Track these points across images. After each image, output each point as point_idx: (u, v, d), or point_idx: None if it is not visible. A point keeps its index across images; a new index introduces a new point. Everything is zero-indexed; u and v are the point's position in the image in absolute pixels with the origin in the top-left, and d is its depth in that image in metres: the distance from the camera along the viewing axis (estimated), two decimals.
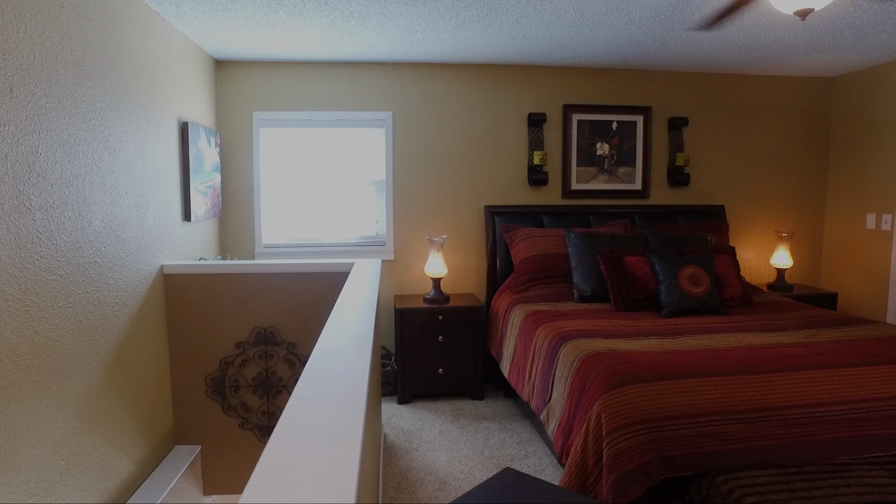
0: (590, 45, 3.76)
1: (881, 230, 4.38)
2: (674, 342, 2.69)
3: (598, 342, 2.66)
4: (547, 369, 2.77)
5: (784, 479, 2.11)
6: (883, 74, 4.34)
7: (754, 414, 2.20)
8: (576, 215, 4.31)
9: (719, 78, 4.60)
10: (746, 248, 4.78)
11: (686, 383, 2.23)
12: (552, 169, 4.41)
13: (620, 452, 2.04)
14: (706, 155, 4.64)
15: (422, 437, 3.39)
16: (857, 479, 2.12)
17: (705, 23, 2.79)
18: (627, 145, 4.46)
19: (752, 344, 2.67)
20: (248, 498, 0.66)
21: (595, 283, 3.60)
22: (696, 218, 4.47)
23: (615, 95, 4.46)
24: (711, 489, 2.11)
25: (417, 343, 3.89)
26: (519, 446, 3.27)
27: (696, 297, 3.29)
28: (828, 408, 2.26)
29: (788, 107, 4.75)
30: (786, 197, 4.83)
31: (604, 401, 2.15)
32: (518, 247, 3.98)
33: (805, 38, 3.57)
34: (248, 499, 0.66)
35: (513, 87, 4.34)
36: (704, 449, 2.14)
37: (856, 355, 2.52)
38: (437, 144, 4.30)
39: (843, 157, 4.72)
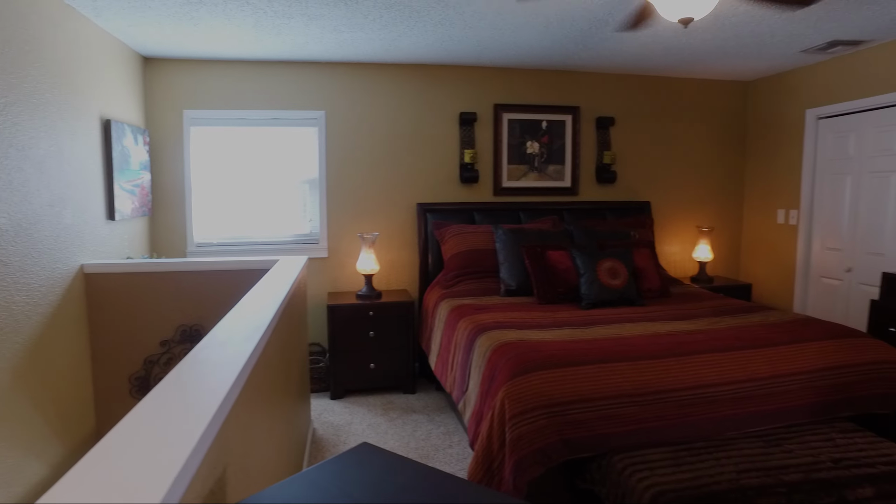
0: (516, 47, 3.88)
1: (788, 224, 4.67)
2: (585, 332, 2.83)
3: (511, 333, 2.77)
4: (465, 360, 2.87)
5: (674, 455, 2.26)
6: (788, 80, 4.62)
7: (650, 396, 2.35)
8: (507, 212, 4.44)
9: (644, 79, 4.80)
10: (671, 243, 5.02)
11: (587, 369, 2.36)
12: (484, 167, 4.52)
13: (522, 436, 2.15)
14: (632, 153, 4.84)
15: (350, 431, 3.45)
16: (737, 451, 2.29)
17: (622, 27, 2.92)
18: (557, 144, 4.62)
19: (658, 332, 2.83)
20: (53, 496, 0.72)
21: (520, 278, 3.73)
22: (622, 214, 4.67)
23: (545, 95, 4.60)
24: (609, 468, 2.24)
25: (349, 339, 3.94)
26: (445, 437, 3.36)
27: (614, 290, 3.45)
28: (717, 388, 2.43)
29: (708, 108, 5.00)
30: (707, 194, 5.08)
31: (508, 387, 2.26)
32: (448, 243, 4.08)
33: (714, 43, 3.78)
34: (53, 495, 0.72)
35: (444, 86, 4.43)
36: (604, 431, 2.27)
37: (746, 339, 2.71)
38: (371, 143, 4.35)
39: (757, 157, 5.01)
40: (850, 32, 3.56)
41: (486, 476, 2.26)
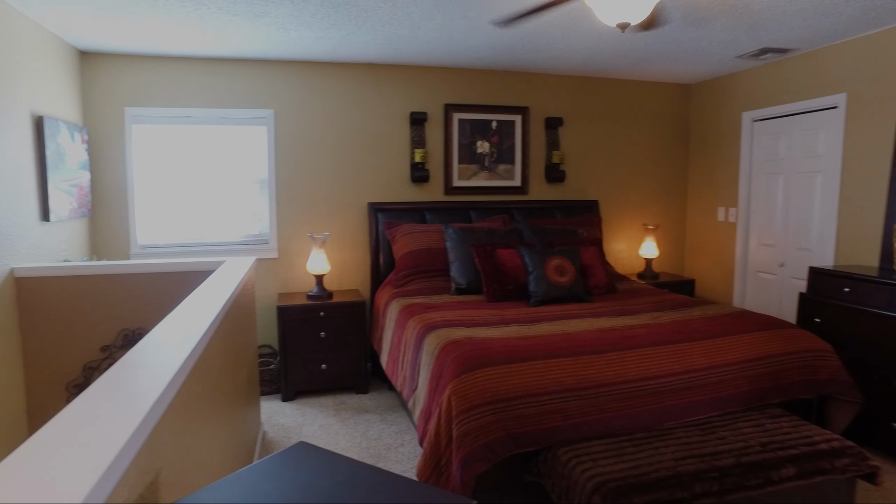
0: (466, 48, 3.91)
1: (728, 222, 4.87)
2: (531, 329, 2.88)
3: (459, 331, 2.80)
4: (414, 359, 2.89)
5: (616, 446, 2.34)
6: (726, 84, 4.82)
7: (593, 390, 2.42)
8: (458, 211, 4.48)
9: (591, 81, 4.92)
10: (619, 240, 5.16)
11: (532, 365, 2.41)
12: (434, 166, 4.55)
13: (468, 432, 2.19)
14: (581, 153, 4.95)
15: (301, 433, 3.42)
16: (676, 440, 2.39)
17: (503, 21, 2.93)
18: (507, 143, 4.68)
19: (603, 327, 2.92)
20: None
21: (471, 276, 3.77)
22: (571, 212, 4.77)
23: (495, 96, 4.66)
24: (554, 461, 2.30)
25: (300, 340, 3.90)
26: (397, 435, 3.37)
27: (562, 287, 3.53)
28: (657, 380, 2.52)
29: (653, 110, 5.16)
30: (653, 192, 5.25)
31: (455, 385, 2.29)
32: (399, 242, 4.09)
33: (656, 47, 3.90)
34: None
35: (395, 86, 4.43)
36: (549, 425, 2.33)
37: (685, 333, 2.82)
38: (321, 142, 4.32)
39: (699, 157, 5.20)
40: (778, 41, 3.74)
41: (434, 473, 2.28)
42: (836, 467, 2.33)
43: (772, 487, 2.23)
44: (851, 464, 2.35)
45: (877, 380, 3.10)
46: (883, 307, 3.10)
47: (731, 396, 2.66)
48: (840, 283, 3.35)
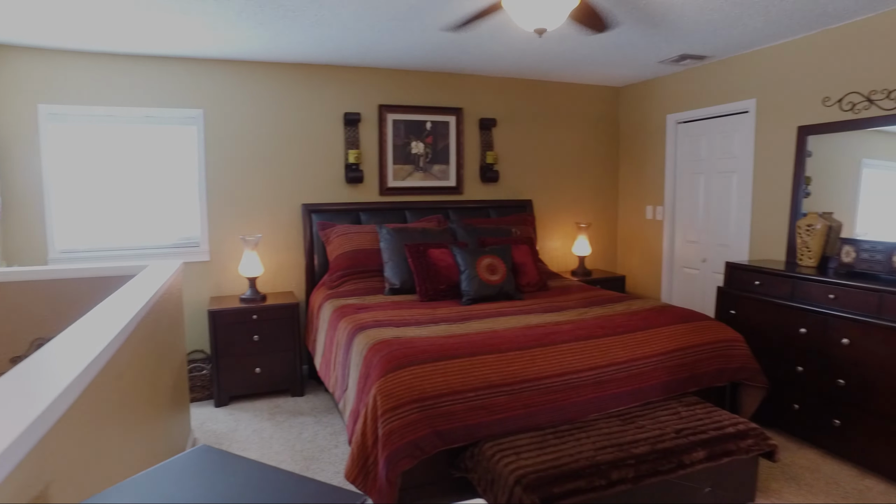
0: (398, 49, 3.93)
1: (656, 220, 5.09)
2: (460, 327, 2.94)
3: (388, 331, 2.83)
4: (345, 360, 2.90)
5: (540, 439, 2.42)
6: (652, 88, 5.03)
7: (518, 385, 2.49)
8: (393, 211, 4.49)
9: (525, 83, 5.03)
10: (552, 238, 5.30)
11: (458, 363, 2.46)
12: (369, 167, 4.54)
13: (394, 430, 2.21)
14: (515, 154, 5.05)
15: (234, 438, 3.36)
16: (597, 431, 2.49)
17: (454, 26, 3.03)
18: (441, 144, 4.73)
19: (530, 324, 3.00)
20: None
21: (404, 276, 3.80)
22: (506, 212, 4.87)
23: (429, 97, 4.70)
24: (479, 455, 2.36)
25: (233, 344, 3.83)
26: (331, 437, 3.36)
27: (493, 285, 3.60)
28: (580, 374, 2.62)
29: (585, 111, 5.32)
30: (585, 192, 5.41)
31: (380, 384, 2.32)
32: (333, 243, 4.07)
33: (584, 51, 4.03)
34: None
35: (329, 86, 4.41)
36: (474, 421, 2.38)
37: (608, 328, 2.94)
38: (253, 143, 4.24)
39: (629, 157, 5.40)
40: (695, 48, 3.94)
41: (361, 473, 2.30)
42: (740, 448, 2.48)
43: (684, 471, 2.36)
44: (754, 444, 2.51)
45: (782, 365, 3.31)
46: (786, 298, 3.31)
47: (650, 387, 2.79)
48: (751, 276, 3.56)
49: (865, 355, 2.88)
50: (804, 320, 3.19)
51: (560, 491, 2.11)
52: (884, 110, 3.22)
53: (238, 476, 1.02)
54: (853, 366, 2.94)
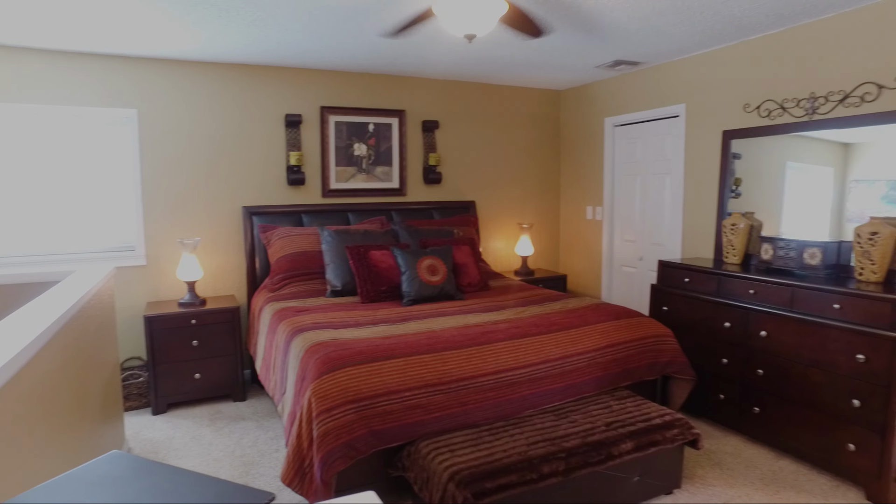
0: (339, 51, 3.92)
1: (595, 220, 5.25)
2: (399, 328, 2.97)
3: (326, 333, 2.83)
4: (283, 363, 2.88)
5: (475, 436, 2.48)
6: (590, 92, 5.19)
7: (454, 384, 2.54)
8: (336, 213, 4.48)
9: (467, 86, 5.10)
10: (496, 239, 5.39)
11: (394, 363, 2.49)
12: (311, 169, 4.52)
13: (328, 431, 2.23)
14: (457, 155, 5.12)
15: (171, 446, 3.29)
16: (531, 426, 2.56)
17: (391, 32, 3.08)
18: (384, 146, 4.75)
19: (468, 324, 3.06)
20: None
21: (346, 278, 3.80)
22: (449, 213, 4.92)
23: (371, 99, 4.71)
24: (416, 454, 2.40)
25: (171, 349, 3.74)
26: (272, 441, 3.34)
27: (434, 286, 3.65)
28: (515, 372, 2.69)
29: (527, 114, 5.44)
30: (528, 192, 5.53)
31: (315, 386, 2.33)
32: (274, 246, 4.04)
33: (521, 56, 4.13)
34: None
35: (269, 87, 4.36)
36: (411, 420, 2.42)
37: (543, 325, 3.02)
38: (192, 144, 4.16)
39: (570, 159, 5.55)
40: (628, 54, 4.09)
41: (297, 475, 2.30)
42: (666, 438, 2.60)
43: (613, 462, 2.46)
44: (679, 434, 2.64)
45: (709, 357, 3.48)
46: (713, 294, 3.48)
47: (584, 382, 2.89)
48: (681, 274, 3.72)
49: (780, 346, 3.06)
50: (728, 315, 3.36)
51: (492, 486, 2.17)
52: (794, 117, 3.43)
53: (147, 480, 1.03)
54: (770, 356, 3.12)
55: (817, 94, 3.31)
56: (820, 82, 3.30)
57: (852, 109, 3.14)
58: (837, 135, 3.21)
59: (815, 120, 3.32)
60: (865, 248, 2.95)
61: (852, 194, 3.17)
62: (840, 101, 3.19)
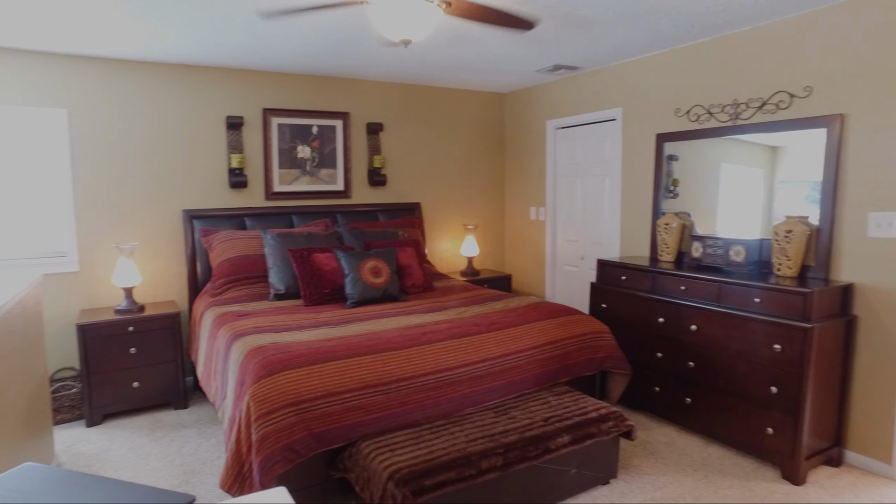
0: (280, 52, 3.89)
1: (539, 220, 5.37)
2: (340, 330, 2.98)
3: (266, 337, 2.82)
4: (223, 368, 2.85)
5: (416, 435, 2.52)
6: (532, 95, 5.31)
7: (394, 384, 2.57)
8: (279, 216, 4.44)
9: (411, 88, 5.13)
10: (442, 240, 5.44)
11: (333, 365, 2.51)
12: (253, 172, 4.46)
13: (267, 435, 2.22)
14: (402, 157, 5.15)
15: (106, 459, 3.20)
16: (471, 424, 2.62)
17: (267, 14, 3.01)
18: (328, 148, 4.73)
19: (409, 325, 3.09)
20: None
21: (289, 281, 3.78)
22: (394, 215, 4.95)
23: (315, 101, 4.68)
24: (357, 455, 2.42)
25: (107, 358, 3.63)
26: (215, 448, 3.29)
27: (377, 288, 3.67)
28: (455, 370, 2.74)
29: (471, 116, 5.52)
30: (473, 194, 5.60)
31: (253, 390, 2.32)
32: (216, 250, 3.97)
33: (463, 59, 4.19)
34: None
35: (210, 88, 4.28)
36: (351, 421, 2.44)
37: (483, 325, 3.09)
38: (128, 146, 4.04)
39: (514, 161, 5.66)
40: (567, 59, 4.21)
41: (237, 481, 2.28)
42: (602, 430, 2.71)
43: (550, 455, 2.54)
44: (614, 426, 2.75)
45: (645, 352, 3.63)
46: (648, 291, 3.63)
47: (524, 380, 2.97)
48: (618, 272, 3.86)
49: (709, 339, 3.23)
50: (662, 310, 3.51)
51: (431, 483, 2.22)
52: (720, 122, 3.61)
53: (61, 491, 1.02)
54: (700, 349, 3.28)
55: (739, 100, 3.50)
56: (741, 90, 3.49)
57: (769, 116, 3.34)
58: (765, 138, 3.40)
59: (738, 125, 3.51)
60: (782, 245, 3.14)
61: (779, 194, 3.36)
62: (759, 107, 3.39)
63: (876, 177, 2.89)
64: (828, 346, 2.86)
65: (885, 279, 2.89)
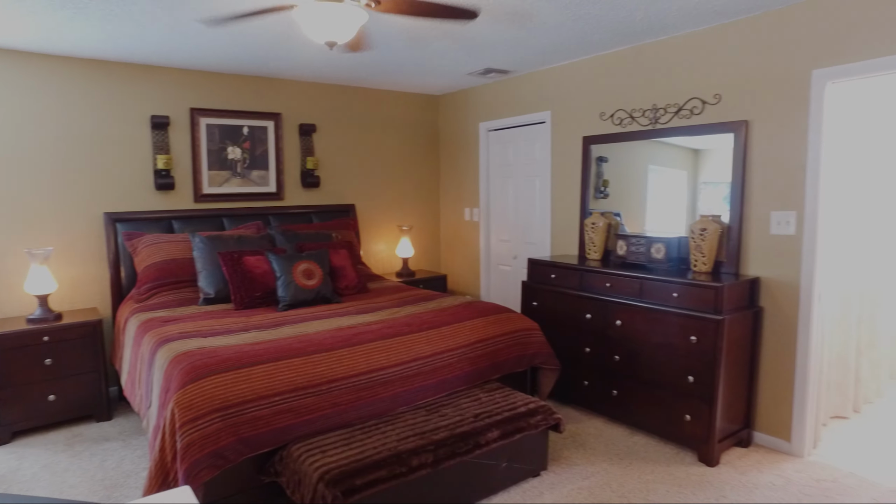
0: (206, 51, 3.79)
1: (473, 221, 5.46)
2: (271, 333, 2.94)
3: (193, 342, 2.75)
4: (148, 376, 2.76)
5: (348, 435, 2.52)
6: (465, 97, 5.40)
7: (325, 386, 2.56)
8: (209, 219, 4.33)
9: (345, 90, 5.11)
10: (377, 241, 5.44)
11: (262, 368, 2.48)
12: (182, 173, 4.33)
13: (193, 442, 2.17)
14: (336, 159, 5.12)
15: (15, 479, 3.02)
16: (403, 422, 2.65)
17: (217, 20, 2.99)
18: (260, 149, 4.65)
19: (341, 326, 3.08)
20: None
21: (219, 285, 3.69)
22: (328, 217, 4.91)
23: (245, 101, 4.59)
24: (287, 458, 2.40)
25: (17, 371, 3.43)
26: (140, 460, 3.17)
27: (310, 290, 3.64)
28: (387, 370, 2.76)
29: (406, 118, 5.55)
30: (408, 195, 5.63)
31: (178, 396, 2.26)
32: (141, 254, 3.83)
33: (394, 62, 4.21)
34: None
35: (133, 86, 4.11)
36: (282, 424, 2.42)
37: (415, 325, 3.12)
38: (40, 145, 3.82)
39: (448, 162, 5.73)
40: (497, 63, 4.31)
41: (161, 491, 2.22)
42: (531, 424, 2.79)
43: (480, 450, 2.60)
44: (542, 419, 2.84)
45: (574, 347, 3.76)
46: (576, 288, 3.77)
47: (455, 378, 3.02)
48: (548, 270, 3.99)
49: (633, 333, 3.38)
50: (589, 307, 3.65)
51: (362, 482, 2.23)
52: (641, 126, 3.80)
53: None
54: (625, 343, 3.43)
55: (658, 105, 3.69)
56: (660, 96, 3.68)
57: (685, 120, 3.54)
58: (688, 141, 3.58)
59: (657, 129, 3.70)
60: (698, 243, 3.33)
61: (703, 195, 3.55)
62: (675, 112, 3.59)
63: (776, 178, 3.12)
64: (737, 336, 3.06)
65: (784, 272, 3.12)
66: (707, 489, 2.82)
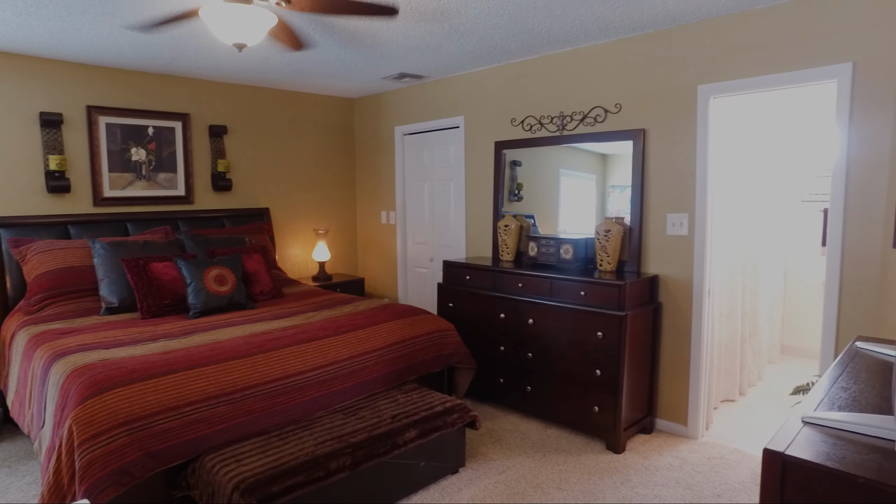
0: (104, 44, 3.59)
1: (390, 224, 5.49)
2: (180, 342, 2.84)
3: (94, 354, 2.61)
4: (41, 393, 2.58)
5: (264, 443, 2.48)
6: (381, 101, 5.42)
7: (238, 393, 2.51)
8: (111, 224, 4.09)
9: (258, 91, 4.99)
10: (293, 245, 5.35)
11: (171, 379, 2.39)
12: (78, 175, 4.06)
13: (94, 460, 2.06)
14: (249, 162, 4.98)
15: None
16: (321, 427, 2.64)
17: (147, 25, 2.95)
18: (167, 151, 4.45)
19: (255, 332, 3.02)
20: None
21: (124, 294, 3.51)
22: (241, 221, 4.78)
23: (150, 100, 4.38)
24: (200, 469, 2.33)
25: None
26: (29, 487, 2.94)
27: (222, 296, 3.53)
28: (303, 375, 2.74)
29: (322, 121, 5.49)
30: (324, 198, 5.57)
31: (77, 413, 2.14)
32: (31, 262, 3.57)
33: (307, 64, 4.17)
34: None
35: (17, 80, 3.82)
36: (193, 435, 2.34)
37: (331, 328, 3.12)
38: None
39: (364, 166, 5.73)
40: (410, 68, 4.37)
41: None
42: (447, 423, 2.86)
43: (398, 450, 2.63)
44: (459, 418, 2.92)
45: (489, 346, 3.88)
46: (489, 289, 3.89)
47: (372, 380, 3.04)
48: (463, 272, 4.08)
49: (544, 331, 3.54)
50: (503, 306, 3.77)
51: (279, 489, 2.20)
52: (549, 132, 3.98)
53: None
54: (537, 340, 3.58)
55: (565, 113, 3.88)
56: (567, 103, 3.87)
57: (590, 128, 3.75)
58: (597, 147, 3.78)
59: (564, 135, 3.89)
60: (603, 244, 3.54)
61: (611, 198, 3.76)
62: (581, 120, 3.79)
63: (671, 183, 3.38)
64: (639, 330, 3.29)
65: (679, 270, 3.38)
66: (614, 475, 3.00)
